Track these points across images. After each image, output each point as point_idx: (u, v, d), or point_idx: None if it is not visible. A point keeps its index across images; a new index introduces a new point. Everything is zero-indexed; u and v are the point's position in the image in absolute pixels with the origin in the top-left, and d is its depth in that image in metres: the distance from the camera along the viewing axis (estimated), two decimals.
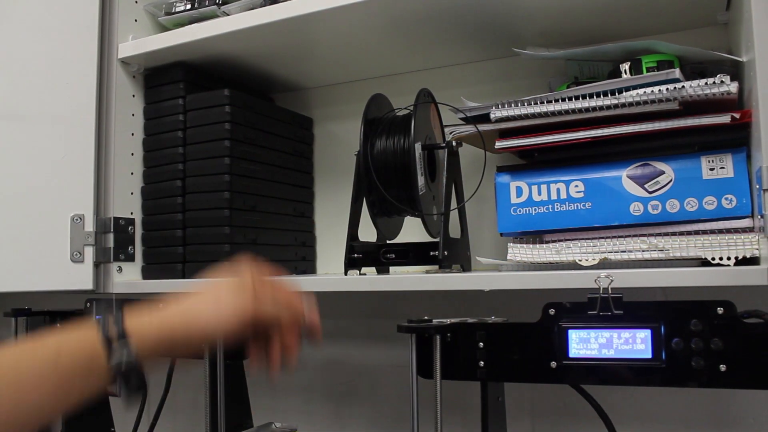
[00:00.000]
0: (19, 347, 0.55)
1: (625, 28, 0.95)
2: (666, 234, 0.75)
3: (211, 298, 0.61)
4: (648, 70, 0.81)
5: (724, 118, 0.70)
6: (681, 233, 0.74)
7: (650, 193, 0.76)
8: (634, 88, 0.74)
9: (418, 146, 0.88)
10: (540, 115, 0.78)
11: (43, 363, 0.53)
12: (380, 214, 0.95)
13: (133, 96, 1.10)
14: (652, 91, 0.72)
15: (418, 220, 0.93)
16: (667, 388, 0.69)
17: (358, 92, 1.21)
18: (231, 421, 1.01)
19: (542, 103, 0.77)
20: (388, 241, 0.98)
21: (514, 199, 0.84)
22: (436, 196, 0.95)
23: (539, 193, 0.82)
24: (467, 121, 0.87)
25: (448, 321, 0.79)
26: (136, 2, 1.10)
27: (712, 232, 0.73)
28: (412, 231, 1.02)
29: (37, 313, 1.13)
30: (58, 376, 0.53)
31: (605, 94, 0.74)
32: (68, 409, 0.55)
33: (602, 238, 0.77)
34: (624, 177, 0.77)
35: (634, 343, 0.68)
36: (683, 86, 0.71)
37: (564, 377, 0.72)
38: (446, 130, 0.91)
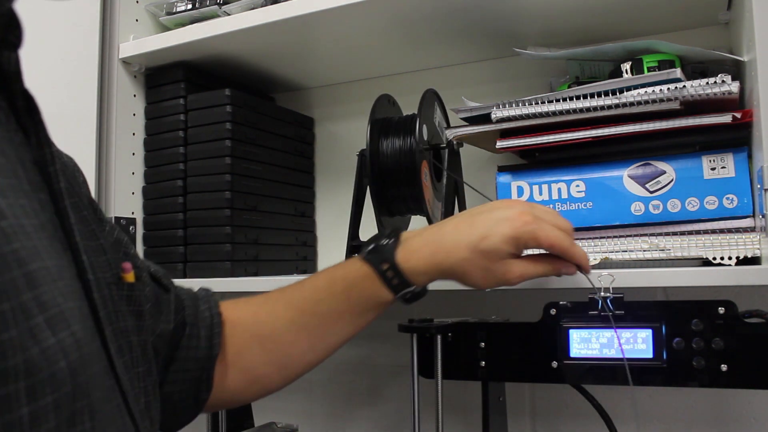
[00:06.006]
0: (314, 287, 0.65)
1: (626, 27, 0.95)
2: (667, 234, 0.75)
3: (482, 221, 0.62)
4: (649, 69, 0.81)
5: (725, 118, 0.70)
6: (682, 233, 0.74)
7: (651, 192, 0.76)
8: (635, 87, 0.74)
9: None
10: (541, 115, 0.78)
11: (338, 303, 0.64)
12: (386, 214, 0.95)
13: (134, 96, 1.10)
14: (653, 90, 0.72)
15: (425, 220, 0.93)
16: (668, 387, 0.69)
17: (359, 92, 1.21)
18: (232, 420, 1.01)
19: (543, 103, 0.77)
20: None
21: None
22: (442, 195, 0.95)
23: (540, 193, 0.82)
24: (468, 121, 0.87)
25: (449, 321, 0.79)
26: (137, 2, 1.10)
27: (713, 231, 0.73)
28: None
29: None
30: (350, 312, 0.64)
31: (606, 93, 0.74)
32: (359, 331, 0.67)
33: (603, 237, 0.77)
34: (625, 177, 0.77)
35: (635, 343, 0.68)
36: (684, 86, 0.71)
37: (565, 377, 0.72)
38: (447, 130, 0.91)
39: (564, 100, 0.76)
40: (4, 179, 0.36)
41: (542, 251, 0.65)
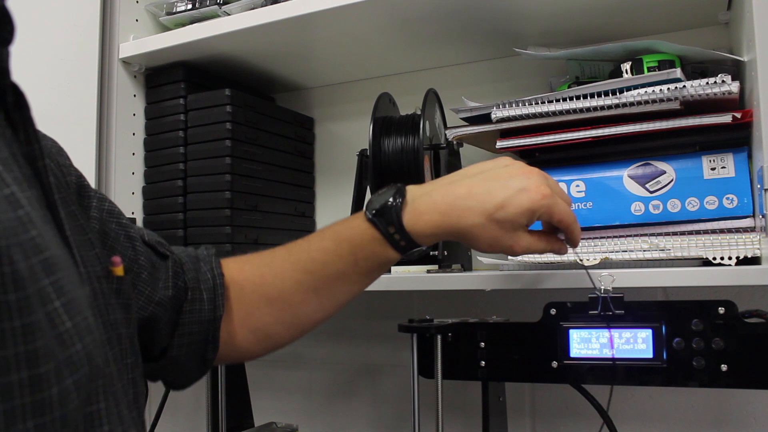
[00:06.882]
0: (320, 248, 0.64)
1: (626, 27, 0.95)
2: (667, 234, 0.75)
3: (500, 189, 0.60)
4: (649, 69, 0.81)
5: (725, 118, 0.70)
6: (682, 233, 0.74)
7: (651, 192, 0.76)
8: (635, 87, 0.74)
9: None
10: (541, 115, 0.78)
11: (345, 264, 0.62)
12: None
13: (134, 96, 1.10)
14: (653, 90, 0.72)
15: None
16: (668, 387, 0.69)
17: (359, 92, 1.21)
18: (232, 420, 1.01)
19: (543, 102, 0.77)
20: None
21: None
22: None
23: None
24: (468, 121, 0.87)
25: (449, 321, 0.79)
26: (137, 2, 1.10)
27: (713, 231, 0.73)
28: None
29: None
30: (358, 272, 0.63)
31: (606, 93, 0.74)
32: (365, 287, 0.66)
33: (603, 237, 0.77)
34: (625, 177, 0.77)
35: (635, 343, 0.68)
36: (684, 86, 0.71)
37: (565, 377, 0.72)
38: (447, 130, 0.91)
39: (564, 100, 0.76)
40: (9, 173, 0.37)
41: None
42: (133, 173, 1.09)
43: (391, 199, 0.61)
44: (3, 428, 0.32)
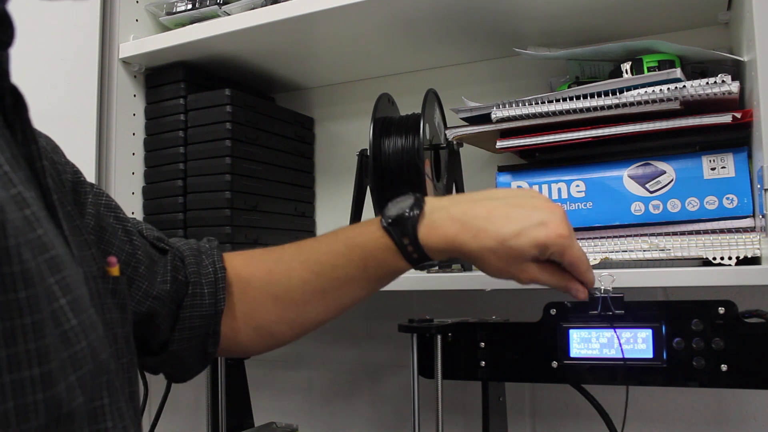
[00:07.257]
0: (331, 251, 0.63)
1: (626, 27, 0.95)
2: (667, 234, 0.75)
3: (520, 217, 0.58)
4: (649, 69, 0.81)
5: (725, 118, 0.70)
6: (682, 233, 0.74)
7: (651, 192, 0.76)
8: (635, 87, 0.74)
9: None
10: (541, 115, 0.78)
11: (355, 270, 0.62)
12: None
13: (134, 96, 1.10)
14: (653, 90, 0.72)
15: None
16: (668, 387, 0.69)
17: (359, 92, 1.21)
18: (232, 420, 1.01)
19: (543, 102, 0.77)
20: None
21: None
22: (442, 195, 0.95)
23: (540, 193, 0.82)
24: (468, 121, 0.87)
25: (449, 321, 0.79)
26: (137, 2, 1.10)
27: (713, 231, 0.73)
28: None
29: None
30: (366, 279, 0.63)
31: (606, 93, 0.74)
32: (372, 293, 0.66)
33: (603, 237, 0.77)
34: (625, 177, 0.77)
35: (635, 343, 0.68)
36: (684, 86, 0.71)
37: (565, 377, 0.72)
38: (447, 130, 0.91)
39: (564, 100, 0.76)
40: (15, 173, 0.37)
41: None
42: (133, 173, 1.09)
43: (408, 210, 0.60)
44: (15, 425, 0.32)
